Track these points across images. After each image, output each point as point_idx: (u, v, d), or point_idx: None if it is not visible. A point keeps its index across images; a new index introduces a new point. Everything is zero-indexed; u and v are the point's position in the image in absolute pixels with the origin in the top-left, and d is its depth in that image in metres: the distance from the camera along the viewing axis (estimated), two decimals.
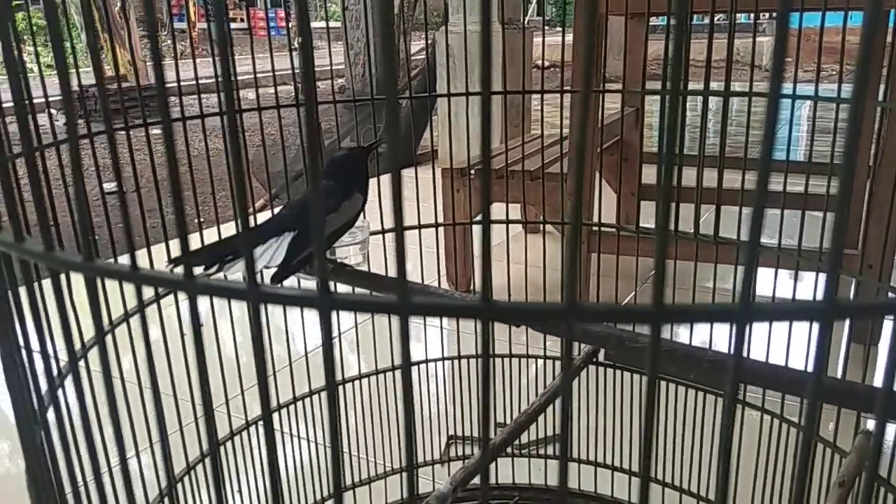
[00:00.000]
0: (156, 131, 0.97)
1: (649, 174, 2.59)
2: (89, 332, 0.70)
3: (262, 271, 0.84)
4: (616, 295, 1.29)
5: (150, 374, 0.32)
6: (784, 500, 1.06)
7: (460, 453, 1.40)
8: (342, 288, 0.98)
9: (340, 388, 1.24)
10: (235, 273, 0.83)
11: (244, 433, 1.10)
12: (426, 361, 1.29)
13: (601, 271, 1.43)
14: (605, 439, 1.26)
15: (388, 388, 1.24)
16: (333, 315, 0.28)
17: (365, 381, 1.26)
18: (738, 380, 0.25)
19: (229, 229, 1.06)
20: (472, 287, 2.21)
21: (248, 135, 1.13)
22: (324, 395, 1.23)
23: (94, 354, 0.76)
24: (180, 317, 0.90)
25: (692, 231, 1.04)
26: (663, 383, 1.19)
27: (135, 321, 0.86)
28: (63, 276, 0.37)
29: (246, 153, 1.19)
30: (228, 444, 1.09)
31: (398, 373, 1.29)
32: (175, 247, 0.91)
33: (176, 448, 0.91)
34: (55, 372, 0.47)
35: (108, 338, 0.83)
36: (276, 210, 0.94)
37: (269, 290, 0.27)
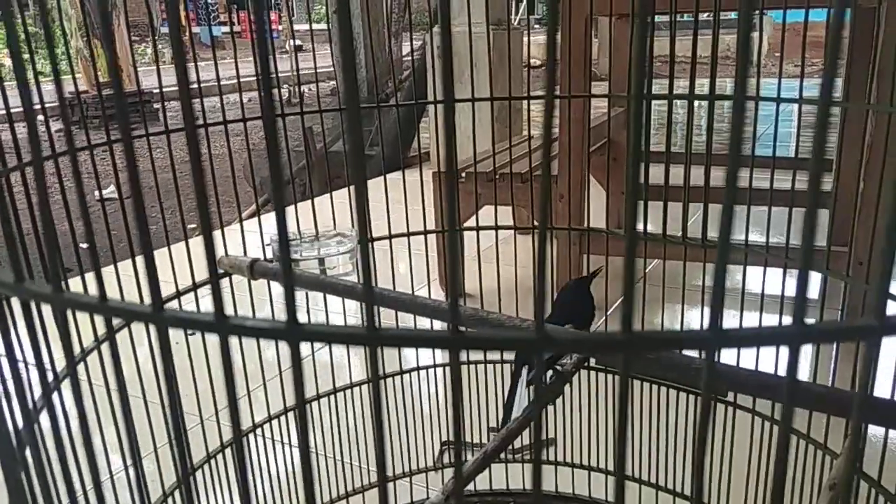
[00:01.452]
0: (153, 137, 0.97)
1: (654, 174, 2.58)
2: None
3: None
4: (606, 297, 1.29)
5: (122, 404, 0.32)
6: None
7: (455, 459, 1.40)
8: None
9: (337, 395, 1.24)
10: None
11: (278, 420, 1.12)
12: (418, 369, 1.29)
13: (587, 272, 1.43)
14: (599, 442, 1.26)
15: (389, 393, 1.24)
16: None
17: (358, 389, 1.26)
18: (708, 396, 0.26)
19: (233, 233, 1.06)
20: (463, 290, 2.21)
21: (238, 138, 1.13)
22: (323, 401, 1.23)
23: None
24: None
25: (680, 235, 1.04)
26: (646, 383, 1.19)
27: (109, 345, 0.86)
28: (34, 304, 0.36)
29: (231, 159, 1.19)
30: (216, 455, 1.09)
31: (396, 379, 1.29)
32: (176, 251, 0.91)
33: (166, 464, 0.91)
34: (30, 405, 0.46)
35: (99, 353, 0.83)
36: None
37: (238, 323, 0.27)
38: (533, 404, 0.95)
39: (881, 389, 0.84)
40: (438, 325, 1.04)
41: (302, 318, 0.27)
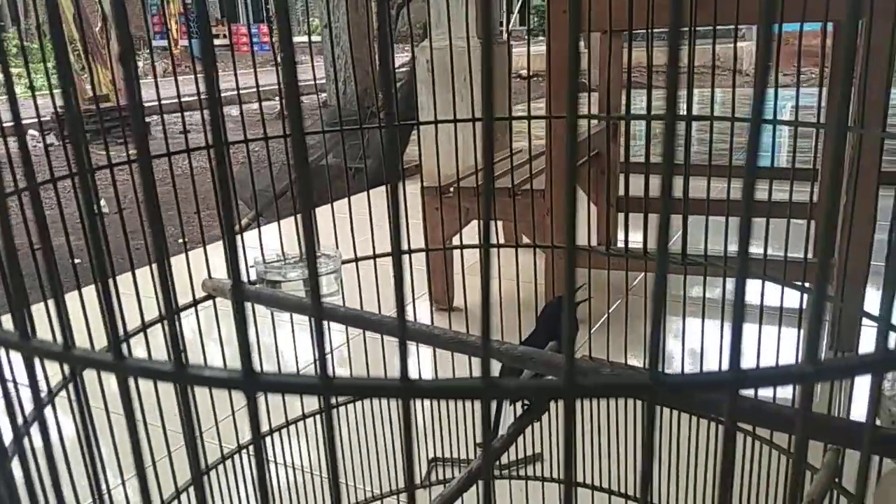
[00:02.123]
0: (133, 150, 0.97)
1: (638, 185, 2.61)
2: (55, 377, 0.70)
3: None
4: (589, 309, 1.29)
5: (87, 448, 0.32)
6: None
7: (442, 476, 1.40)
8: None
9: (333, 410, 1.24)
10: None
11: (232, 459, 1.11)
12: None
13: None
14: (585, 458, 1.27)
15: (376, 410, 1.25)
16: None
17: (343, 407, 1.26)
18: (731, 444, 0.26)
19: (216, 249, 1.06)
20: (451, 306, 2.22)
21: (232, 152, 1.13)
22: (316, 418, 1.23)
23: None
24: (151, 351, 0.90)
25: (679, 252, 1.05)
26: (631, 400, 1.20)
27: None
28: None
29: (231, 171, 1.19)
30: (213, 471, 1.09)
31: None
32: (176, 262, 0.92)
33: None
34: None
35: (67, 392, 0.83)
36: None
37: (195, 373, 0.28)
38: (517, 422, 0.96)
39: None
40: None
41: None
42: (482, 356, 0.26)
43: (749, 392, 1.04)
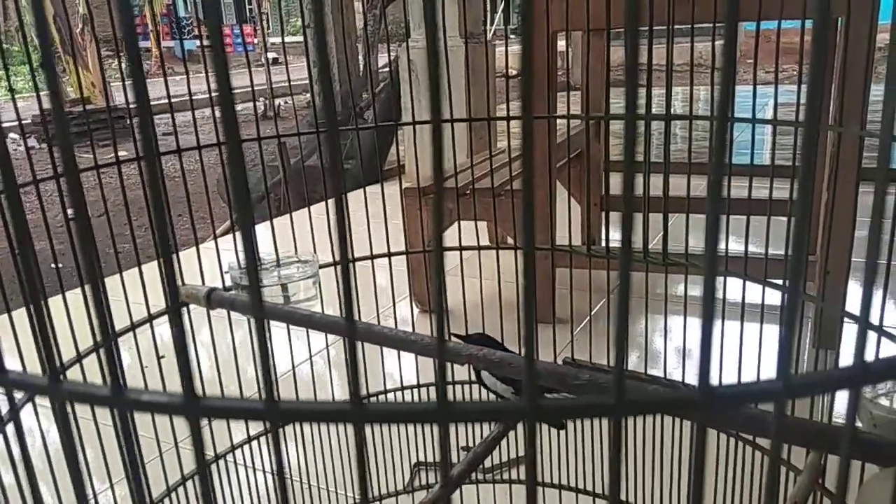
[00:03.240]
0: (123, 153, 0.95)
1: (617, 184, 2.61)
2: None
3: None
4: (571, 310, 1.29)
5: (29, 483, 0.31)
6: None
7: (426, 481, 1.38)
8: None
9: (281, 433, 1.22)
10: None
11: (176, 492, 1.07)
12: (384, 392, 1.28)
13: (559, 283, 1.43)
14: (569, 461, 1.26)
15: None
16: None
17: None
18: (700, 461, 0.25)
19: (208, 251, 1.04)
20: (430, 308, 2.20)
21: (215, 154, 1.11)
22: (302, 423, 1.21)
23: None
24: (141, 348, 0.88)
25: (660, 252, 1.04)
26: None
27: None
28: None
29: (204, 175, 1.18)
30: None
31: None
32: (148, 270, 0.89)
33: None
34: None
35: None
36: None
37: (134, 398, 0.26)
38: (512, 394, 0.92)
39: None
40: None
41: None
42: (436, 367, 0.25)
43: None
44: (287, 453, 1.25)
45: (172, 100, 0.97)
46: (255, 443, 1.16)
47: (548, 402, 0.25)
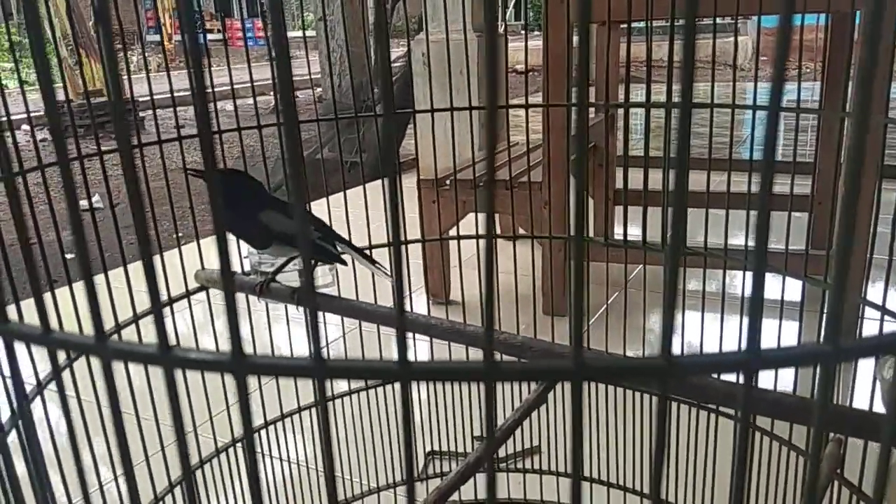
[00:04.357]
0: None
1: (634, 179, 2.60)
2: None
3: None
4: (588, 302, 1.28)
5: (71, 445, 0.31)
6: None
7: (440, 470, 1.39)
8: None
9: (329, 404, 1.23)
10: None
11: (226, 453, 1.09)
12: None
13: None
14: (584, 450, 1.26)
15: (372, 403, 1.24)
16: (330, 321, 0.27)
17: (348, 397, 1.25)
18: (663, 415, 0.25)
19: (209, 245, 1.04)
20: (447, 298, 2.20)
21: (227, 147, 1.12)
22: (312, 411, 1.22)
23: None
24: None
25: (660, 241, 1.04)
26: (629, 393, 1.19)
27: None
28: None
29: (224, 165, 1.19)
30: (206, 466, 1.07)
31: (379, 389, 1.28)
32: (168, 258, 0.90)
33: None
34: None
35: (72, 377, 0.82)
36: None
37: (182, 356, 0.26)
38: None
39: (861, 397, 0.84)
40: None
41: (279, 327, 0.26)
42: (485, 334, 0.25)
43: (766, 377, 1.03)
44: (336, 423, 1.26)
45: (180, 94, 0.98)
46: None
47: (592, 359, 0.25)
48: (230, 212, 0.86)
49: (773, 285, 1.00)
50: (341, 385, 1.30)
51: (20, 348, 0.31)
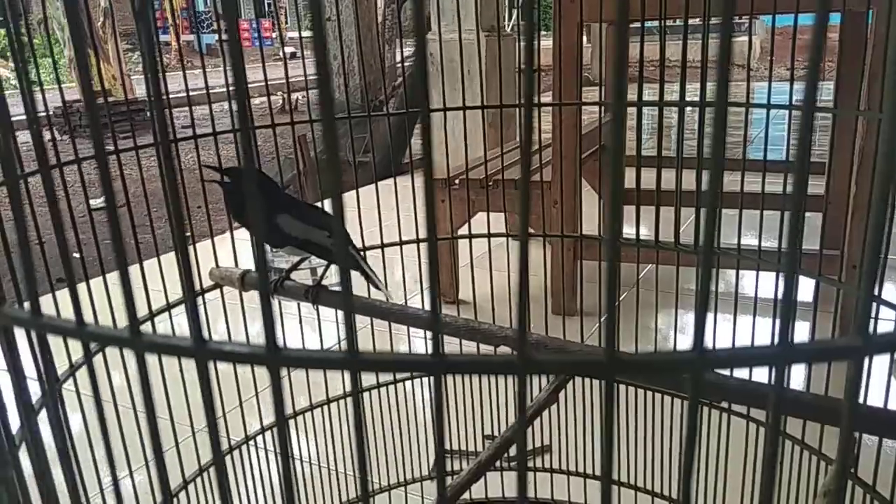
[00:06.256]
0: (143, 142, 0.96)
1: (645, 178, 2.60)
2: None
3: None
4: (599, 302, 1.28)
5: (101, 426, 0.31)
6: None
7: (450, 468, 1.39)
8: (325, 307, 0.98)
9: (335, 404, 1.23)
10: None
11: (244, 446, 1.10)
12: (412, 378, 1.28)
13: (585, 277, 1.43)
14: (595, 449, 1.26)
15: (383, 401, 1.24)
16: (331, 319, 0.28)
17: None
18: (694, 421, 0.25)
19: (223, 241, 1.05)
20: (457, 298, 2.21)
21: (230, 146, 1.13)
22: (322, 409, 1.23)
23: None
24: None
25: (672, 241, 1.04)
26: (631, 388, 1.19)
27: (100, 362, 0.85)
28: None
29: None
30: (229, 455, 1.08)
31: (391, 386, 1.28)
32: (166, 262, 0.91)
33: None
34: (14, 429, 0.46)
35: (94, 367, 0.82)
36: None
37: (216, 348, 0.27)
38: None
39: (875, 396, 0.84)
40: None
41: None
42: (518, 326, 0.25)
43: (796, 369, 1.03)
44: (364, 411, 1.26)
45: (190, 93, 0.99)
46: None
47: (625, 355, 0.25)
48: (246, 211, 0.87)
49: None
50: (342, 385, 1.30)
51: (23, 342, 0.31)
